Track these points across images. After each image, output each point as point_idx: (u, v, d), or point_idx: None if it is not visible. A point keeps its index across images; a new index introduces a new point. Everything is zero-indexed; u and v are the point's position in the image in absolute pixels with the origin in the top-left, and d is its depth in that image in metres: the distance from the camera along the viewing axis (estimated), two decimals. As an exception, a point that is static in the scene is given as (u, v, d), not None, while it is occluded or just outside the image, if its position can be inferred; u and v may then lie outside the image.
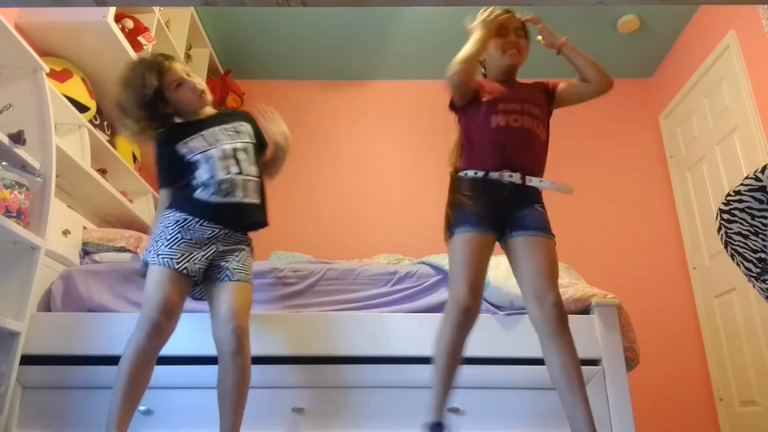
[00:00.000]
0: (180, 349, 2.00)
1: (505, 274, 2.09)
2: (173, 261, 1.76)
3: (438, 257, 2.27)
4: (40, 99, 2.22)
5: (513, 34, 1.87)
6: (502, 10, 1.88)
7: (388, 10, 3.56)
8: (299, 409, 2.02)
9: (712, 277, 3.36)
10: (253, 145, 2.01)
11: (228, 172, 1.88)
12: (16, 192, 2.04)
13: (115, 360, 1.71)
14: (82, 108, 2.68)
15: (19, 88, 2.22)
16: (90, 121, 2.77)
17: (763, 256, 1.57)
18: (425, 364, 2.02)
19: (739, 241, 1.60)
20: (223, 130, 1.97)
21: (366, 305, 2.19)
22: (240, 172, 1.91)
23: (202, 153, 1.90)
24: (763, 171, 1.55)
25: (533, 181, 1.75)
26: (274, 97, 4.16)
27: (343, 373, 2.06)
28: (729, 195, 1.62)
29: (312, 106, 4.19)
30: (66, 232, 2.43)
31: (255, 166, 1.98)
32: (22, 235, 1.99)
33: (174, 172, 1.93)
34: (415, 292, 2.21)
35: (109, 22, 2.58)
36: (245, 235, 1.97)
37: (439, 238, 1.82)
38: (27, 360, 2.03)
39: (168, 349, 1.76)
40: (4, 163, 2.04)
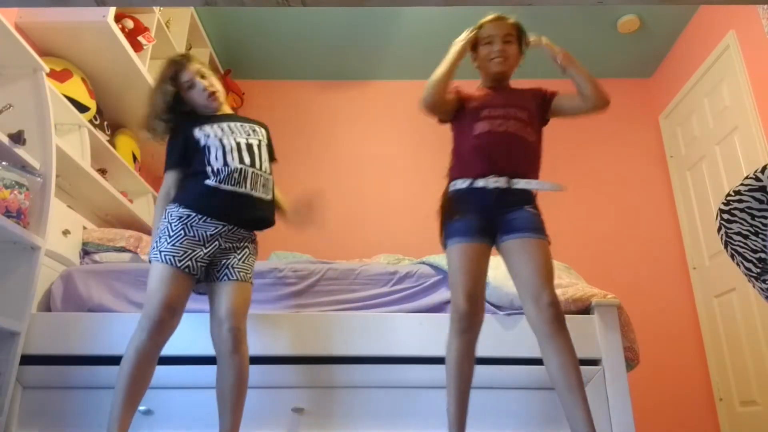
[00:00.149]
0: (180, 349, 2.00)
1: (505, 274, 2.08)
2: (175, 258, 1.76)
3: (438, 257, 2.27)
4: (40, 99, 2.22)
5: (499, 42, 1.87)
6: (489, 18, 1.90)
7: (388, 10, 3.56)
8: (299, 409, 2.02)
9: (712, 277, 3.36)
10: (266, 146, 2.01)
11: (241, 162, 1.88)
12: (16, 192, 2.04)
13: (116, 360, 1.71)
14: (82, 108, 2.68)
15: (19, 88, 2.22)
16: (90, 121, 2.77)
17: (763, 256, 1.57)
18: (425, 364, 2.03)
19: (739, 241, 1.60)
20: (239, 126, 1.98)
21: (366, 305, 2.19)
22: (252, 164, 1.91)
23: (217, 139, 1.90)
24: (763, 171, 1.55)
25: (520, 183, 1.75)
26: (274, 97, 4.18)
27: (343, 373, 2.06)
28: (729, 195, 1.62)
29: (312, 106, 4.19)
30: (66, 232, 2.43)
31: (267, 164, 1.98)
32: (22, 235, 1.99)
33: (185, 156, 1.92)
34: (415, 292, 2.21)
35: (109, 22, 2.58)
36: (249, 232, 1.96)
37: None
38: (27, 360, 2.03)
39: (168, 349, 1.76)
40: (4, 163, 2.04)
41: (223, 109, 2.06)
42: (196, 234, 1.81)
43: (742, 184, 1.59)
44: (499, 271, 2.13)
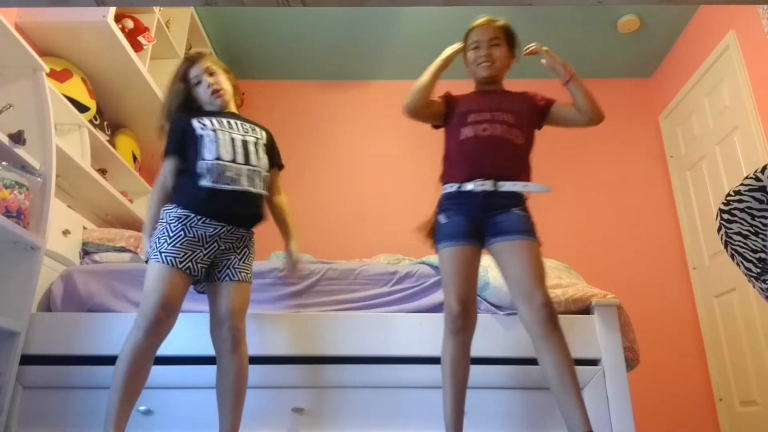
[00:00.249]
0: (179, 349, 2.00)
1: (505, 274, 2.09)
2: (176, 260, 1.75)
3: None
4: (40, 99, 2.23)
5: (485, 46, 1.88)
6: (477, 23, 1.92)
7: (388, 10, 3.56)
8: (299, 409, 2.02)
9: (712, 277, 3.36)
10: (264, 146, 2.01)
11: (233, 159, 1.87)
12: (16, 192, 2.04)
13: (115, 360, 1.70)
14: (82, 108, 2.68)
15: (19, 88, 2.22)
16: (90, 121, 2.77)
17: (763, 256, 1.57)
18: (425, 363, 2.03)
19: (739, 241, 1.60)
20: (240, 124, 1.98)
21: (366, 305, 2.19)
22: (247, 162, 1.90)
23: (213, 131, 1.89)
24: (763, 171, 1.55)
25: (506, 185, 1.76)
26: (274, 97, 4.18)
27: (343, 373, 2.06)
28: (729, 195, 1.62)
29: (312, 106, 4.19)
30: (66, 232, 2.43)
31: (264, 161, 1.98)
32: (22, 235, 1.99)
33: (183, 143, 1.91)
34: (415, 292, 2.22)
35: (109, 22, 2.58)
36: (248, 231, 1.95)
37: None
38: (27, 360, 2.03)
39: (168, 349, 1.76)
40: (4, 163, 2.04)
41: (229, 108, 2.06)
42: (195, 234, 1.81)
43: (742, 184, 1.59)
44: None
